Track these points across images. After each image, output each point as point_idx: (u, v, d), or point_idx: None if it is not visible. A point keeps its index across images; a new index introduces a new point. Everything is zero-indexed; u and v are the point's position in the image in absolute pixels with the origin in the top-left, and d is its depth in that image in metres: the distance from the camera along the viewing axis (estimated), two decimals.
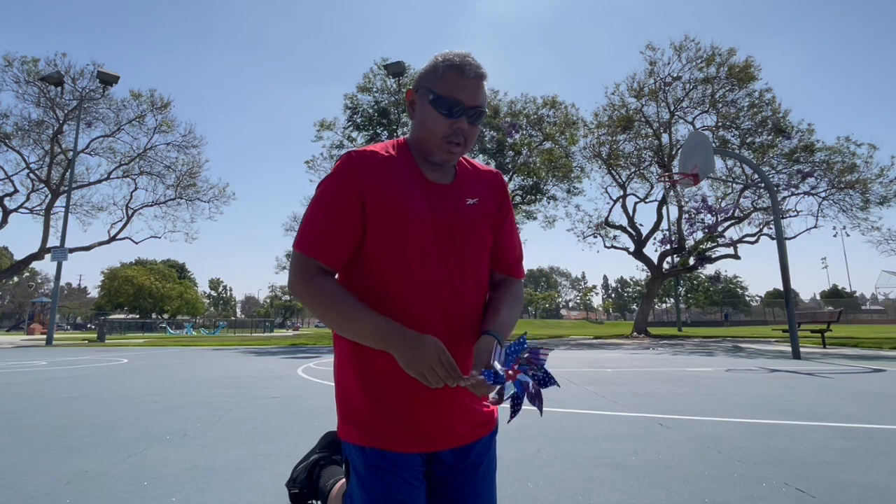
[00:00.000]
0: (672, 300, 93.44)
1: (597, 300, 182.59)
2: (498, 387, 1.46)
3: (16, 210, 35.04)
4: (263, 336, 53.22)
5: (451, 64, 1.69)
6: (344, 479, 2.04)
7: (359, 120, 35.97)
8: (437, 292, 1.67)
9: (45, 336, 32.59)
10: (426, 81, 1.72)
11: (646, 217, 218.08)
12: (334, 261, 1.63)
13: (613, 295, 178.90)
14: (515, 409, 1.48)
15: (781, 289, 15.12)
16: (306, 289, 1.58)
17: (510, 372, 1.48)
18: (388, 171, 1.69)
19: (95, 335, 36.01)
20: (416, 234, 1.64)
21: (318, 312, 1.59)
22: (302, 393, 7.40)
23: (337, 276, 1.71)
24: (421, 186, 1.71)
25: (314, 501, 2.32)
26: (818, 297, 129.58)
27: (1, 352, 19.74)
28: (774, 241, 15.80)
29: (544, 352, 1.51)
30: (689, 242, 34.33)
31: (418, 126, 1.75)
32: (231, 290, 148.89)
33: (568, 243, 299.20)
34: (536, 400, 1.50)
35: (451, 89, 1.66)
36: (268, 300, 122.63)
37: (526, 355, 1.49)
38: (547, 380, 1.51)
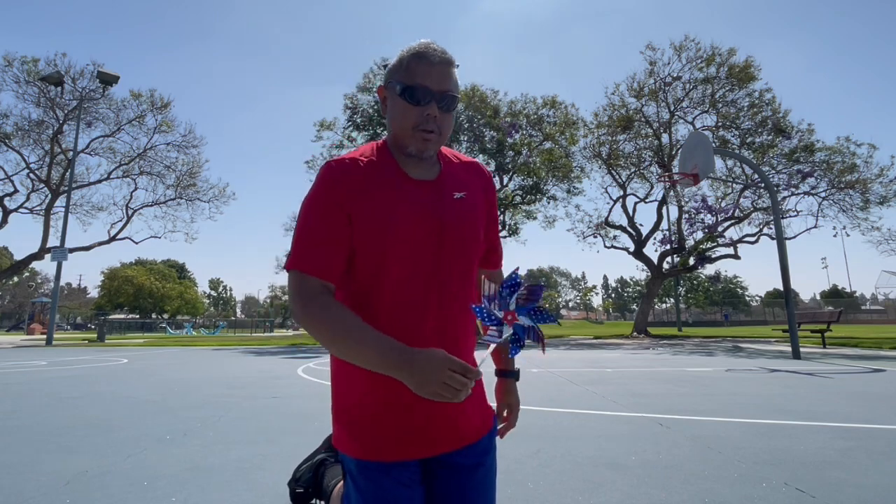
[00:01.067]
0: (672, 300, 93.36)
1: (597, 300, 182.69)
2: (495, 329, 1.48)
3: (16, 210, 35.02)
4: (263, 336, 53.26)
5: (415, 53, 1.69)
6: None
7: (359, 120, 35.94)
8: (424, 298, 1.65)
9: (45, 336, 32.60)
10: (393, 76, 1.71)
11: (646, 217, 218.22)
12: (331, 274, 1.59)
13: (613, 295, 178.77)
14: (517, 347, 1.49)
15: (781, 289, 15.12)
16: (304, 309, 1.52)
17: (508, 316, 1.48)
18: (370, 177, 1.67)
19: (95, 335, 36.02)
20: (402, 237, 1.62)
21: (319, 336, 1.53)
22: (302, 393, 7.40)
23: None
24: (403, 186, 1.69)
25: (317, 501, 2.32)
26: (818, 297, 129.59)
27: (1, 352, 19.74)
28: (774, 241, 15.81)
29: (537, 289, 1.51)
30: (689, 242, 34.32)
31: (390, 121, 1.74)
32: (231, 290, 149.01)
33: (568, 243, 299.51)
34: (539, 340, 1.51)
35: (417, 77, 1.66)
36: (268, 300, 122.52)
37: (524, 292, 1.50)
38: (546, 317, 1.51)
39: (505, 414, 2.01)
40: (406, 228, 1.62)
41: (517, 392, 2.04)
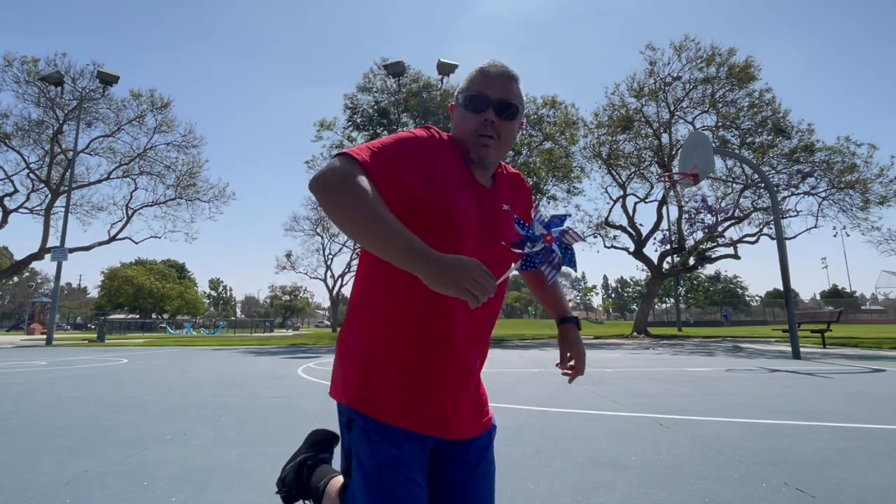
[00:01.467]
0: (672, 300, 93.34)
1: (597, 300, 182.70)
2: (527, 241, 1.52)
3: (16, 210, 35.00)
4: (263, 336, 53.25)
5: (479, 68, 1.79)
6: (338, 477, 2.03)
7: (359, 120, 36.04)
8: None
9: (44, 336, 32.60)
10: (460, 91, 1.79)
11: (646, 217, 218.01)
12: (382, 179, 1.52)
13: (613, 295, 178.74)
14: (528, 265, 1.53)
15: (781, 289, 15.12)
16: (343, 180, 1.43)
17: (548, 237, 1.52)
18: (447, 156, 1.71)
19: (95, 335, 35.98)
20: (464, 229, 1.64)
21: (349, 210, 1.42)
22: (302, 393, 7.40)
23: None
24: (470, 183, 1.73)
25: (306, 502, 2.31)
26: (818, 297, 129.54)
27: (1, 352, 19.74)
28: (774, 241, 15.81)
29: (580, 236, 1.57)
30: (689, 242, 34.31)
31: (454, 129, 1.79)
32: (231, 290, 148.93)
33: None
34: (552, 270, 1.54)
35: (477, 86, 1.73)
36: (268, 300, 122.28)
37: (567, 230, 1.55)
38: (571, 260, 1.56)
39: (572, 362, 2.02)
40: (466, 222, 1.64)
41: (580, 339, 2.04)
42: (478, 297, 1.34)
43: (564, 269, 1.56)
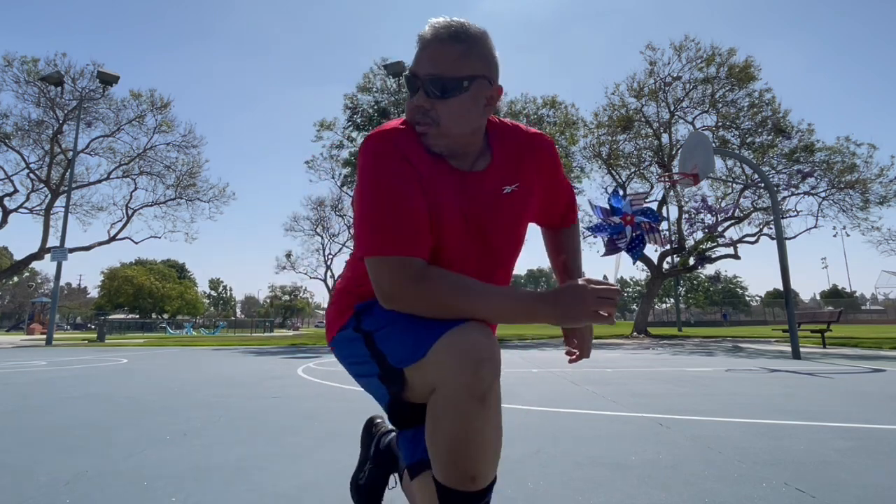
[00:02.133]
0: (672, 300, 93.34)
1: None
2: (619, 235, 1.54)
3: (15, 210, 35.03)
4: (263, 336, 53.29)
5: (418, 37, 1.55)
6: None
7: (359, 120, 36.01)
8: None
9: (44, 336, 32.57)
10: None
11: None
12: (427, 250, 1.46)
13: None
14: (640, 245, 1.57)
15: (781, 289, 15.11)
16: (417, 292, 1.39)
17: (627, 217, 1.54)
18: (422, 153, 1.53)
19: (95, 335, 35.97)
20: (448, 227, 1.53)
21: (439, 311, 1.38)
22: (302, 393, 7.40)
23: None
24: (448, 173, 1.57)
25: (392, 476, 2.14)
26: (818, 297, 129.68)
27: (1, 352, 19.74)
28: (774, 241, 15.80)
29: (658, 233, 1.59)
30: (689, 242, 34.35)
31: None
32: (231, 289, 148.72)
33: None
34: (654, 231, 1.57)
35: (413, 63, 1.53)
36: (268, 300, 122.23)
37: (632, 197, 1.56)
38: (654, 214, 1.57)
39: (576, 341, 1.90)
40: (449, 217, 1.54)
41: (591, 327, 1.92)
42: (611, 312, 1.34)
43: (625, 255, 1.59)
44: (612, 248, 1.31)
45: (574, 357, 1.89)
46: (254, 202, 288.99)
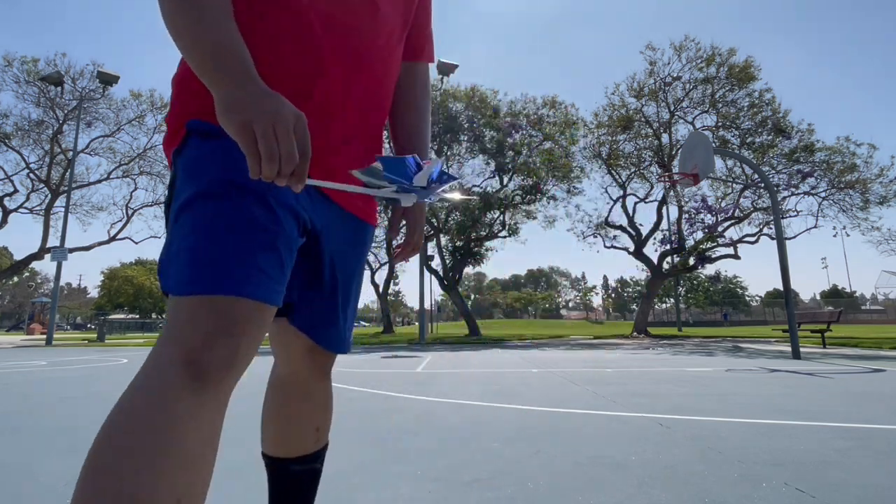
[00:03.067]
0: (672, 300, 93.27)
1: (597, 300, 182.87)
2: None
3: (15, 210, 35.29)
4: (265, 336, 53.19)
5: None
6: None
7: None
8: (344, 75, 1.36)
9: (44, 336, 32.58)
10: None
11: (645, 217, 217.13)
12: None
13: (613, 295, 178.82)
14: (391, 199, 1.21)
15: (781, 289, 15.10)
16: None
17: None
18: None
19: (95, 335, 36.01)
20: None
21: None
22: None
23: None
24: None
25: None
26: (818, 297, 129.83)
27: (1, 352, 19.74)
28: (774, 241, 15.78)
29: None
30: (689, 242, 34.43)
31: None
32: None
33: (568, 243, 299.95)
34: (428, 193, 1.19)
35: None
36: None
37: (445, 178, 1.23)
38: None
39: (404, 229, 1.70)
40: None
41: (422, 207, 1.68)
42: (265, 165, 0.98)
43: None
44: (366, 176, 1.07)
45: (400, 250, 1.69)
46: None
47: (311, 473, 1.71)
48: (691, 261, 35.51)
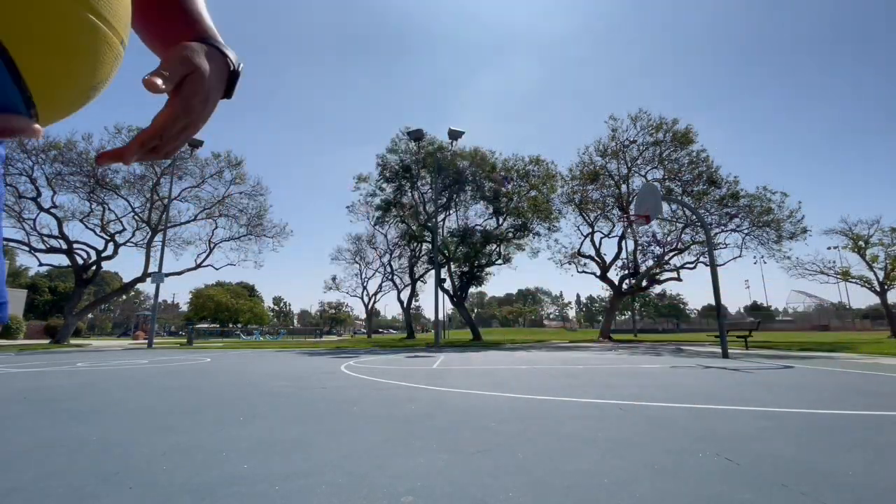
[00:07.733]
0: (630, 313, 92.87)
1: (571, 313, 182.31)
2: None
3: (124, 244, 35.68)
4: (315, 341, 53.09)
5: None
6: None
7: (387, 174, 36.46)
8: None
9: (146, 341, 32.63)
10: None
11: (609, 249, 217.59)
12: None
13: (584, 309, 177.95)
14: None
15: (714, 304, 15.06)
16: None
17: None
18: None
19: (186, 340, 36.11)
20: None
21: None
22: (344, 384, 7.39)
23: None
24: None
25: None
26: (742, 311, 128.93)
27: (113, 353, 19.80)
28: (708, 268, 15.76)
29: None
30: (643, 268, 34.47)
31: None
32: (290, 305, 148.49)
33: (549, 269, 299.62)
34: None
35: None
36: (318, 313, 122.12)
37: None
38: None
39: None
40: None
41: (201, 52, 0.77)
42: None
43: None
44: None
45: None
46: (308, 237, 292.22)
47: None
48: (644, 283, 35.55)
